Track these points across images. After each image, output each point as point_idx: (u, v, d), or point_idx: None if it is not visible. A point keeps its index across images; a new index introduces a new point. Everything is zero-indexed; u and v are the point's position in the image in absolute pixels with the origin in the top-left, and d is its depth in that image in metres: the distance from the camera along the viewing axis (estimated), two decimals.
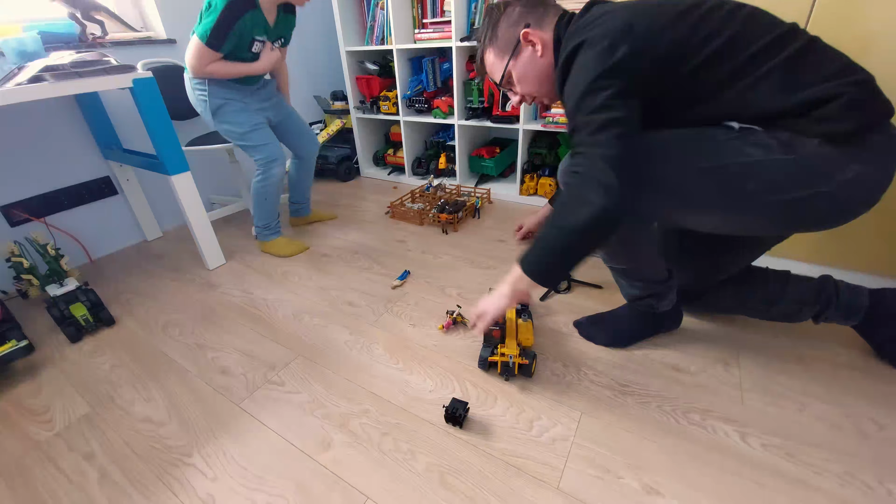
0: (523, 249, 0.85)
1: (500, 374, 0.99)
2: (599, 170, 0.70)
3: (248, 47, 1.34)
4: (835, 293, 0.93)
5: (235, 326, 1.24)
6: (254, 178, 1.53)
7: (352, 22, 2.16)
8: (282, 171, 1.55)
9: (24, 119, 1.45)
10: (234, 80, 1.41)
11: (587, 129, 0.72)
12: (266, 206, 1.58)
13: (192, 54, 1.29)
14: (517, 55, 0.88)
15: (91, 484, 0.82)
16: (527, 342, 1.02)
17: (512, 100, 0.98)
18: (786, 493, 0.73)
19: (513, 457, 0.81)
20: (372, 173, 2.51)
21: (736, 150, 0.70)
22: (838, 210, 0.71)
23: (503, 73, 0.91)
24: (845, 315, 0.94)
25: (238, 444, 0.87)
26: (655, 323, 1.06)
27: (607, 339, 1.08)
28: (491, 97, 1.92)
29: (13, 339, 1.08)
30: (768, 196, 0.70)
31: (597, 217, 0.71)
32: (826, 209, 0.71)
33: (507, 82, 0.94)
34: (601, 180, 0.70)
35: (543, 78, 0.89)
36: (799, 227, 0.78)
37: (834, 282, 0.95)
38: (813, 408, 0.88)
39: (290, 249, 1.62)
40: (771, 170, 0.68)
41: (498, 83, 0.94)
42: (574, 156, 0.76)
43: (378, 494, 0.76)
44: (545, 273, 0.82)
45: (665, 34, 0.70)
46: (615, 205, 0.70)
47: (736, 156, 0.70)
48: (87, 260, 1.69)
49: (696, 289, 1.05)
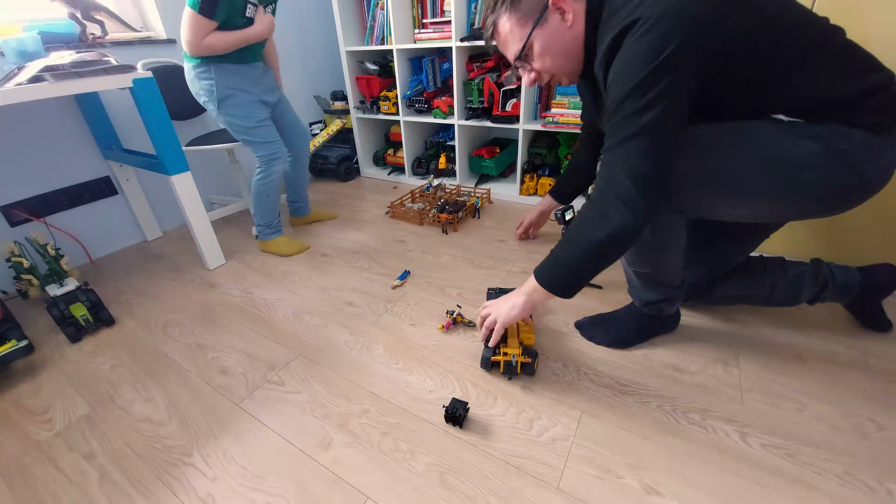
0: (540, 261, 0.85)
1: (503, 374, 0.99)
2: (623, 187, 0.70)
3: (242, 12, 1.29)
4: (830, 274, 0.98)
5: (235, 326, 1.24)
6: (254, 177, 1.52)
7: (352, 22, 2.16)
8: (283, 169, 1.55)
9: (24, 119, 1.45)
10: (238, 62, 1.38)
11: (621, 132, 0.70)
12: (268, 205, 1.58)
13: (186, 28, 1.23)
14: (543, 23, 0.78)
15: (91, 484, 0.82)
16: (528, 341, 1.02)
17: (524, 78, 0.87)
18: (786, 493, 0.73)
19: (513, 457, 0.81)
20: (372, 173, 2.51)
21: (792, 141, 0.69)
22: (868, 193, 0.73)
23: (524, 43, 0.80)
24: (841, 292, 0.99)
25: (238, 444, 0.87)
26: (657, 325, 1.06)
27: (609, 339, 1.07)
28: (491, 97, 1.91)
29: (13, 339, 1.08)
30: (820, 186, 0.70)
31: (616, 235, 0.72)
32: (860, 194, 0.72)
33: (525, 56, 0.83)
34: (623, 198, 0.70)
35: (570, 52, 0.79)
36: (831, 212, 0.78)
37: (826, 264, 1.00)
38: (813, 408, 0.88)
39: (290, 249, 1.62)
40: (825, 160, 0.69)
41: (516, 55, 0.83)
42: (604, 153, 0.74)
43: (378, 494, 0.76)
44: (562, 286, 0.82)
45: (731, 13, 0.65)
46: (635, 223, 0.71)
47: (793, 147, 0.69)
48: (87, 260, 1.69)
49: (702, 282, 1.05)
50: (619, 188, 0.71)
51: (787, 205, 0.75)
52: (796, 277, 0.99)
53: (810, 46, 0.67)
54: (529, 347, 1.01)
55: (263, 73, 1.50)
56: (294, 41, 2.28)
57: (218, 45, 1.28)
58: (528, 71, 0.86)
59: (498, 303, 0.96)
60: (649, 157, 0.69)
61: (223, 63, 1.36)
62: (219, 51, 1.30)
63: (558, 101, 1.75)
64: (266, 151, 1.48)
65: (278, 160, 1.51)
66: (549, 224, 1.68)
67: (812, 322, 1.10)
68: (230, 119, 1.43)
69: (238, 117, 1.43)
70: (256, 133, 1.46)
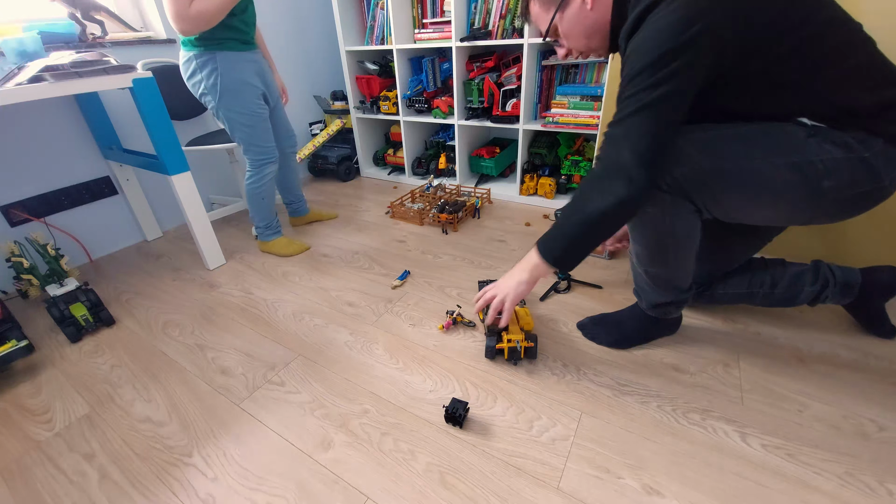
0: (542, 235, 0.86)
1: (508, 360, 1.02)
2: (625, 161, 0.71)
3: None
4: (830, 273, 0.98)
5: (235, 326, 1.24)
6: (245, 180, 1.50)
7: (352, 22, 2.16)
8: (274, 171, 1.53)
9: (25, 119, 1.45)
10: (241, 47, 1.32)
11: (628, 107, 0.71)
12: (264, 206, 1.57)
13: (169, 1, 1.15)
14: (564, 8, 0.83)
15: (91, 484, 0.82)
16: (528, 326, 1.05)
17: (558, 52, 0.94)
18: (786, 493, 0.73)
19: (513, 457, 0.81)
20: (372, 173, 2.51)
21: (816, 146, 0.69)
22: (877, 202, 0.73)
23: (548, 26, 0.87)
24: (842, 293, 0.98)
25: (238, 444, 0.87)
26: (660, 326, 1.06)
27: (611, 340, 1.07)
28: (491, 97, 1.91)
29: (13, 339, 1.08)
30: (839, 192, 0.71)
31: (617, 207, 0.74)
32: (871, 202, 0.73)
33: (553, 35, 0.90)
34: (624, 171, 0.71)
35: (592, 33, 0.84)
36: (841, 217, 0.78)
37: (826, 264, 1.00)
38: (813, 408, 0.88)
39: (291, 249, 1.62)
40: (847, 168, 0.69)
41: (544, 35, 0.90)
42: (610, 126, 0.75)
43: (378, 494, 0.76)
44: (563, 258, 0.84)
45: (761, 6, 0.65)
46: (636, 197, 0.72)
47: (817, 153, 0.69)
48: (87, 260, 1.69)
49: (704, 280, 1.06)
50: (621, 161, 0.72)
51: (806, 208, 0.75)
52: (797, 276, 0.99)
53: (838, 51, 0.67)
54: (529, 332, 1.05)
55: (264, 63, 1.46)
56: (294, 41, 2.28)
57: (209, 8, 1.18)
58: (560, 46, 0.92)
59: (500, 284, 0.96)
60: (651, 134, 0.70)
61: (225, 50, 1.30)
62: (212, 15, 1.20)
63: (558, 101, 1.75)
64: (259, 155, 1.45)
65: (269, 163, 1.49)
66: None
67: (813, 323, 1.10)
68: (231, 115, 1.37)
69: (240, 114, 1.38)
70: (255, 133, 1.43)
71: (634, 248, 0.94)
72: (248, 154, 1.46)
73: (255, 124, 1.42)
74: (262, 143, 1.46)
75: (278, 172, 1.69)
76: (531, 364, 1.03)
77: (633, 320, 1.07)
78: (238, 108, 1.38)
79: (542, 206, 1.94)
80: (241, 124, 1.40)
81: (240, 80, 1.35)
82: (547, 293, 1.29)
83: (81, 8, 1.50)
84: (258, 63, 1.41)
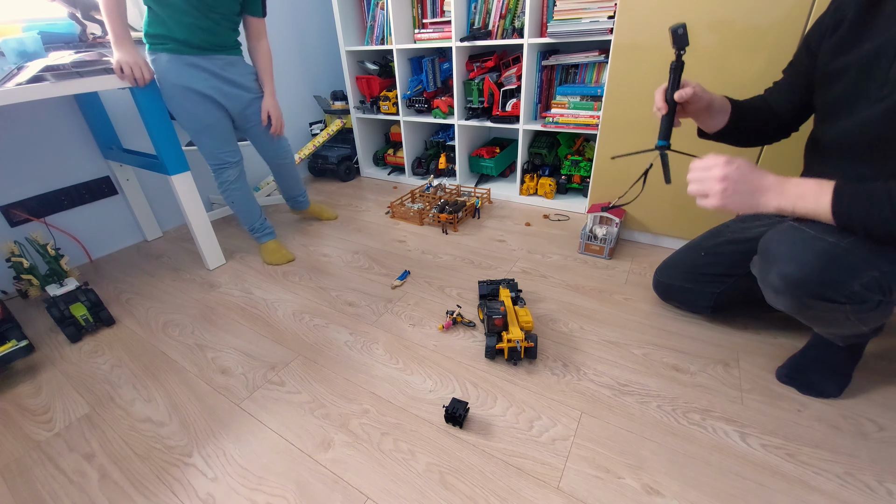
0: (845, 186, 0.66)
1: (508, 360, 1.02)
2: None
3: None
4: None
5: (235, 326, 1.24)
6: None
7: (352, 22, 2.16)
8: (235, 174, 1.46)
9: (25, 119, 1.45)
10: (183, 50, 1.24)
11: None
12: (241, 211, 1.54)
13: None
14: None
15: (91, 484, 0.82)
16: (528, 326, 1.06)
17: None
18: (786, 493, 0.73)
19: (513, 457, 0.81)
20: (372, 173, 2.51)
21: None
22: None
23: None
24: None
25: (238, 444, 0.87)
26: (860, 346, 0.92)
27: (836, 387, 0.91)
28: (491, 97, 1.92)
29: (13, 339, 1.08)
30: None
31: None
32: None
33: None
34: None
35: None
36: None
37: None
38: (813, 408, 0.88)
39: (273, 258, 1.57)
40: None
41: None
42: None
43: (378, 494, 0.76)
44: (846, 223, 0.67)
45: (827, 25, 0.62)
46: None
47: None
48: (87, 260, 1.69)
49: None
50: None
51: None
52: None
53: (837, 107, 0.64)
54: (529, 332, 1.05)
55: (225, 67, 1.34)
56: (294, 41, 2.28)
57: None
58: None
59: (729, 178, 0.69)
60: None
61: (164, 51, 1.24)
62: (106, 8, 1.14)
63: (558, 101, 1.75)
64: (212, 160, 1.42)
65: (227, 167, 1.43)
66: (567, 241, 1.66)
67: None
68: (178, 118, 1.34)
69: (184, 119, 1.34)
70: (203, 139, 1.38)
71: (825, 333, 0.87)
72: (204, 158, 1.43)
73: (202, 130, 1.37)
74: (212, 150, 1.41)
75: (276, 180, 1.71)
76: (531, 364, 1.03)
77: (838, 353, 0.90)
78: (179, 112, 1.34)
79: (543, 206, 1.94)
80: (189, 129, 1.38)
81: (176, 85, 1.28)
82: (621, 155, 0.96)
83: (81, 8, 1.50)
84: (210, 70, 1.31)
